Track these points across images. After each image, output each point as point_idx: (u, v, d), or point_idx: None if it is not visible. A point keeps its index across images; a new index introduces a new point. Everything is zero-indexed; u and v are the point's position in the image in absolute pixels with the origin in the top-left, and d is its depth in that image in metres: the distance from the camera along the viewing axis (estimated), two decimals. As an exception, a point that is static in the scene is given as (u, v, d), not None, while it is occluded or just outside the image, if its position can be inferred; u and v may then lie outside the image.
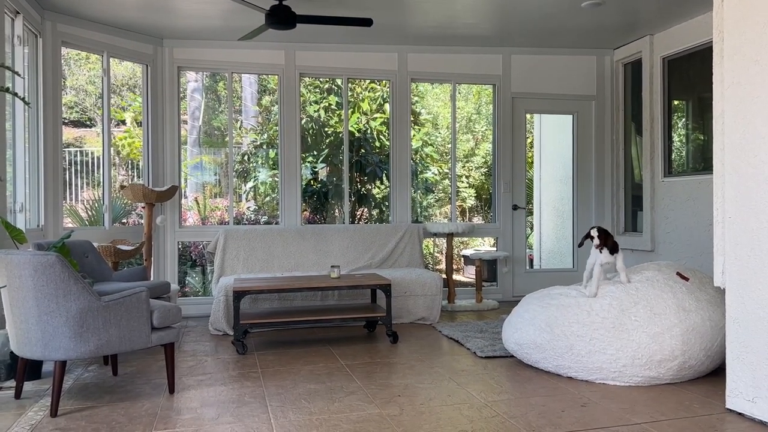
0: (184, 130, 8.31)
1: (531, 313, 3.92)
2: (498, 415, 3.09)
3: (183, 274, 7.41)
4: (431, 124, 10.26)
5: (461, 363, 4.12)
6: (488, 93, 8.98)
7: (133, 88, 10.72)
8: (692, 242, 5.52)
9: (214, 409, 3.23)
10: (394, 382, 3.66)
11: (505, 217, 6.69)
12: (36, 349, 3.16)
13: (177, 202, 6.03)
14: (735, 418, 3.03)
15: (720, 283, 3.22)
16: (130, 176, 9.15)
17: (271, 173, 8.60)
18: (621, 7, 5.22)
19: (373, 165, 8.31)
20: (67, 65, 10.41)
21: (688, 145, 5.95)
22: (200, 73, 9.46)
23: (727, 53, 3.16)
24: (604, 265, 3.78)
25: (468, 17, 5.48)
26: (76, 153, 9.06)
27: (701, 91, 5.69)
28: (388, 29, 5.77)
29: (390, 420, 3.02)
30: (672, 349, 3.45)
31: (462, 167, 10.07)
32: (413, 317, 5.52)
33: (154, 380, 3.78)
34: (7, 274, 3.15)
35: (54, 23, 5.11)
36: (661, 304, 3.54)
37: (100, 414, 3.17)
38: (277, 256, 5.92)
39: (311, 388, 3.57)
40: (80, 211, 7.57)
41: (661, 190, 5.93)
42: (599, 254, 3.78)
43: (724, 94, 3.18)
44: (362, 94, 8.87)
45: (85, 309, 3.15)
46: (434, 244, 9.28)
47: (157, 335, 3.43)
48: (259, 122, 10.01)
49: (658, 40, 5.94)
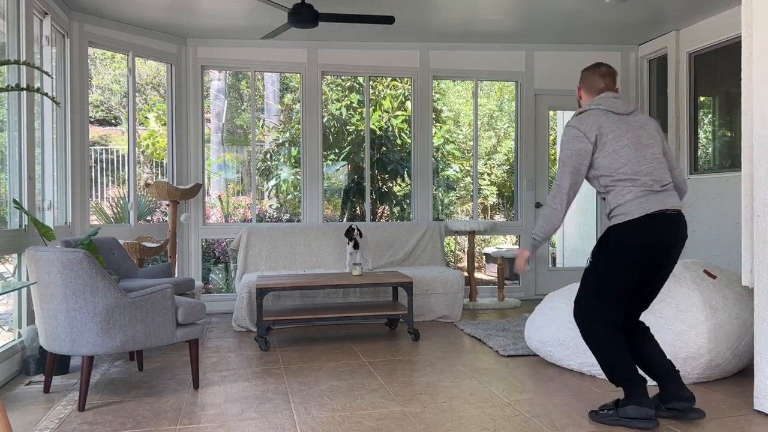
0: (207, 129, 8.38)
1: (555, 310, 3.90)
2: (521, 413, 3.08)
3: (206, 270, 7.48)
4: (453, 122, 10.23)
5: (483, 361, 4.10)
6: (510, 90, 8.92)
7: (157, 87, 10.85)
8: (719, 240, 5.43)
9: (237, 404, 3.26)
10: (415, 380, 3.66)
11: (527, 214, 6.64)
12: (64, 344, 3.22)
13: (201, 199, 6.10)
14: (763, 419, 2.98)
15: (748, 282, 3.17)
16: (154, 174, 9.26)
17: (293, 171, 8.65)
18: (646, 3, 5.15)
19: (394, 163, 8.31)
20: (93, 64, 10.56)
21: (715, 141, 5.86)
22: (223, 72, 9.54)
23: (757, 49, 3.10)
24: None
25: (490, 14, 5.44)
26: (102, 151, 9.19)
27: (728, 86, 5.59)
28: (410, 27, 5.76)
29: (412, 418, 3.02)
30: (698, 346, 3.40)
31: (484, 165, 10.02)
32: (435, 315, 5.51)
33: (179, 376, 3.83)
34: (36, 271, 3.21)
35: (81, 24, 5.19)
36: (686, 302, 3.49)
37: (127, 408, 3.22)
38: (299, 254, 5.95)
39: (333, 385, 3.59)
40: (106, 209, 7.68)
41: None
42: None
43: (753, 91, 3.12)
44: (384, 92, 8.87)
45: (111, 305, 3.20)
46: (455, 241, 9.26)
47: (182, 331, 3.47)
48: (281, 120, 10.07)
49: (684, 35, 5.85)
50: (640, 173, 2.87)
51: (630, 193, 2.87)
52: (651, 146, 2.94)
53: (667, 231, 2.87)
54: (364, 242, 5.44)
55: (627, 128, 2.93)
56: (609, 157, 2.89)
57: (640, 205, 2.84)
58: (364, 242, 5.42)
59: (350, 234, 5.33)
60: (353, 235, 5.31)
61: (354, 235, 5.32)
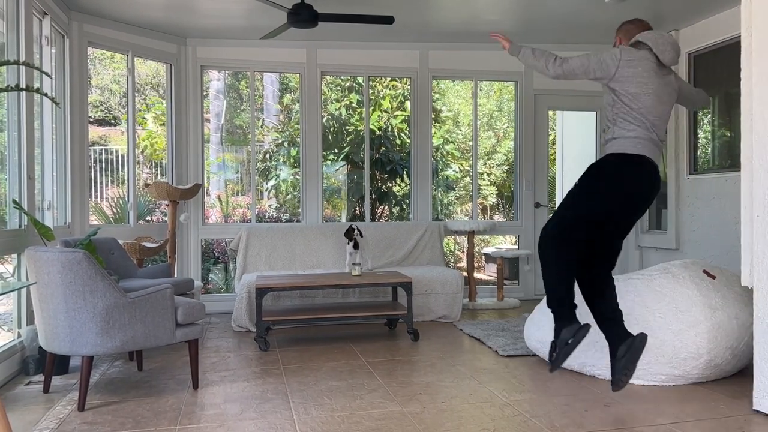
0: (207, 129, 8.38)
1: (553, 311, 3.89)
2: (520, 414, 3.08)
3: (206, 271, 7.48)
4: (452, 122, 10.23)
5: (483, 361, 4.11)
6: (510, 90, 8.93)
7: (156, 87, 10.84)
8: (718, 241, 5.44)
9: (237, 404, 3.26)
10: (415, 380, 3.66)
11: (527, 215, 6.65)
12: (64, 344, 3.22)
13: (200, 199, 6.10)
14: (762, 419, 2.98)
15: (747, 282, 3.17)
16: (153, 174, 9.26)
17: (293, 171, 8.65)
18: (645, 3, 5.15)
19: (393, 163, 8.31)
20: (92, 64, 10.56)
21: (714, 141, 5.86)
22: (222, 72, 9.54)
23: (756, 49, 3.10)
24: None
25: (490, 14, 5.44)
26: (101, 151, 9.19)
27: (728, 86, 5.59)
28: (410, 27, 5.76)
29: (412, 418, 3.02)
30: (697, 346, 3.40)
31: (483, 165, 10.02)
32: (434, 315, 5.51)
33: (179, 376, 3.83)
34: (36, 271, 3.21)
35: (80, 24, 5.19)
36: (686, 301, 3.49)
37: (126, 408, 3.22)
38: (299, 254, 5.96)
39: (333, 385, 3.59)
40: (105, 209, 7.68)
41: (686, 187, 5.85)
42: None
43: (753, 91, 3.12)
44: (383, 92, 8.87)
45: (111, 305, 3.20)
46: (455, 241, 9.26)
47: (182, 331, 3.47)
48: (281, 120, 10.07)
49: (684, 35, 5.85)
50: (647, 121, 3.19)
51: (634, 131, 3.19)
52: (666, 104, 3.26)
53: (650, 177, 3.21)
54: (364, 242, 5.44)
55: (657, 81, 3.22)
56: (632, 95, 3.19)
57: (637, 144, 3.17)
58: (363, 242, 5.42)
59: (350, 234, 5.33)
60: (353, 235, 5.32)
61: (354, 235, 5.32)
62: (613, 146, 3.21)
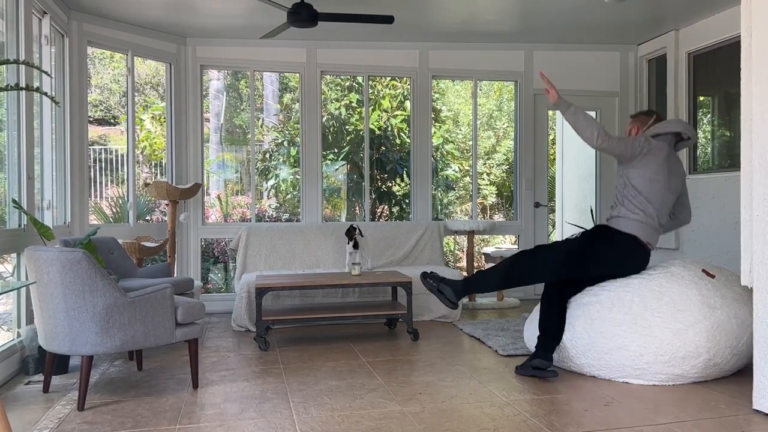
0: (206, 128, 8.38)
1: (553, 311, 3.89)
2: (520, 413, 3.08)
3: (206, 270, 7.49)
4: (452, 121, 10.24)
5: (483, 361, 4.11)
6: (510, 89, 8.93)
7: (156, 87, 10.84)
8: (718, 240, 5.44)
9: (237, 404, 3.26)
10: (415, 380, 3.66)
11: (526, 214, 6.65)
12: (63, 344, 3.21)
13: (200, 199, 6.09)
14: (762, 419, 2.98)
15: (747, 282, 3.17)
16: (153, 174, 9.26)
17: (293, 171, 8.65)
18: (645, 2, 5.15)
19: (393, 162, 8.31)
20: (92, 64, 10.56)
21: (714, 141, 5.86)
22: (222, 72, 9.53)
23: (756, 49, 3.10)
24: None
25: (490, 14, 5.45)
26: (101, 151, 9.18)
27: (728, 86, 5.59)
28: (410, 26, 5.76)
29: (411, 417, 3.02)
30: (696, 345, 3.40)
31: (483, 164, 10.02)
32: (434, 315, 5.51)
33: (178, 375, 3.83)
34: (35, 271, 3.21)
35: (80, 23, 5.19)
36: (685, 301, 3.49)
37: (126, 408, 3.22)
38: (299, 254, 5.95)
39: (333, 384, 3.59)
40: (105, 209, 7.68)
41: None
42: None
43: (753, 91, 3.12)
44: (383, 92, 8.88)
45: (110, 305, 3.20)
46: (455, 241, 9.26)
47: (181, 331, 3.47)
48: (281, 120, 10.07)
49: (684, 35, 5.86)
50: (653, 208, 3.62)
51: (638, 215, 3.63)
52: (674, 193, 3.72)
53: (642, 261, 3.71)
54: (364, 242, 5.44)
55: (669, 169, 3.65)
56: (645, 179, 3.61)
57: (637, 228, 3.62)
58: (363, 242, 5.42)
59: (351, 233, 5.33)
60: (354, 235, 5.31)
61: (355, 234, 5.32)
62: (618, 223, 3.67)
